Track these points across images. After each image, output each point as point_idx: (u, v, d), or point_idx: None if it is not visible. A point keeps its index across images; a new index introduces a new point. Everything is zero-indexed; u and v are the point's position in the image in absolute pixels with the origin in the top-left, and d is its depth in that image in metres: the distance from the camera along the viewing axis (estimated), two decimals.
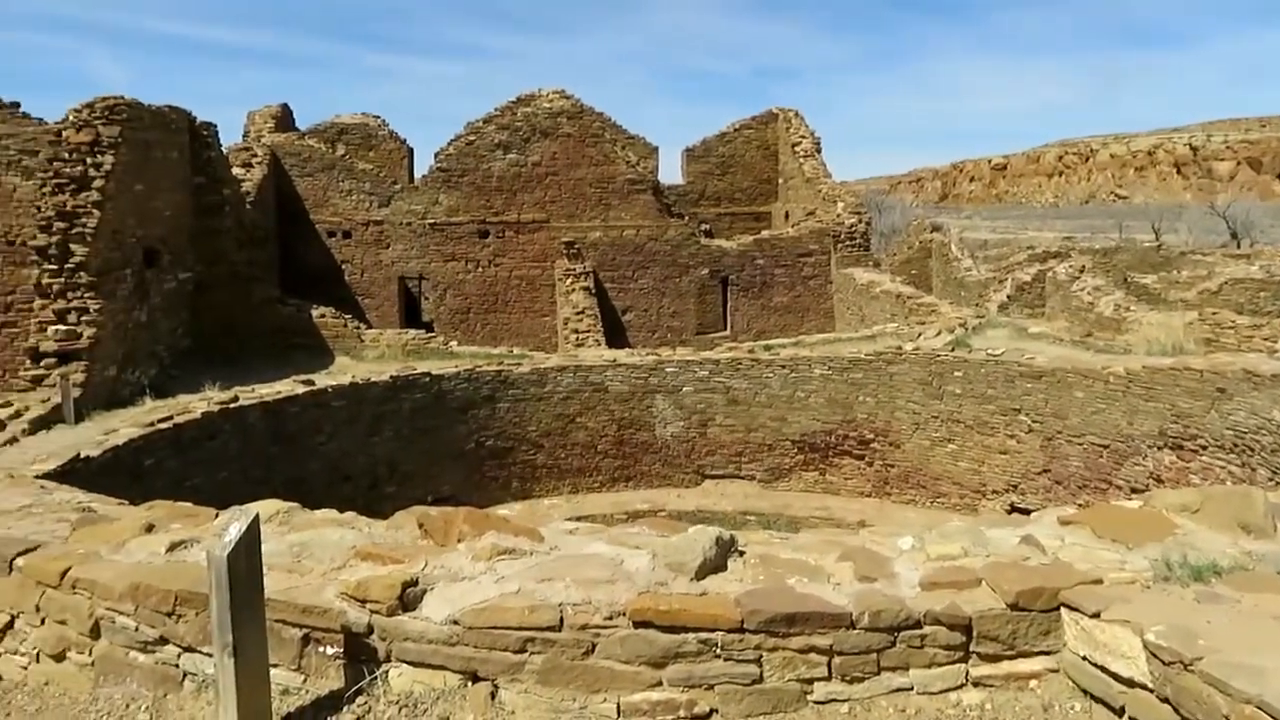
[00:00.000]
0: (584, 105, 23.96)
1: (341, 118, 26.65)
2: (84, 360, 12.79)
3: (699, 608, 4.00)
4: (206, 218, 17.24)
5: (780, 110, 28.12)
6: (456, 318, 22.90)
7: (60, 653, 4.54)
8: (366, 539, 4.87)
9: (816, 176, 25.63)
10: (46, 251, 13.30)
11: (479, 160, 23.11)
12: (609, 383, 15.81)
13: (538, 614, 3.98)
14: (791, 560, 4.53)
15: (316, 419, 13.53)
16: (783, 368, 15.89)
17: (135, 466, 10.66)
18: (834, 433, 15.74)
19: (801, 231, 24.09)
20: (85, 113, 14.20)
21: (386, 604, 4.08)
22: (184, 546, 4.84)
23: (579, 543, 4.75)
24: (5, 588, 4.72)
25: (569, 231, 22.98)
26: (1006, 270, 25.46)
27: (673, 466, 16.17)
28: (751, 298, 23.87)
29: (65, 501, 5.94)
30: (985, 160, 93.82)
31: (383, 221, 22.91)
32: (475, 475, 15.33)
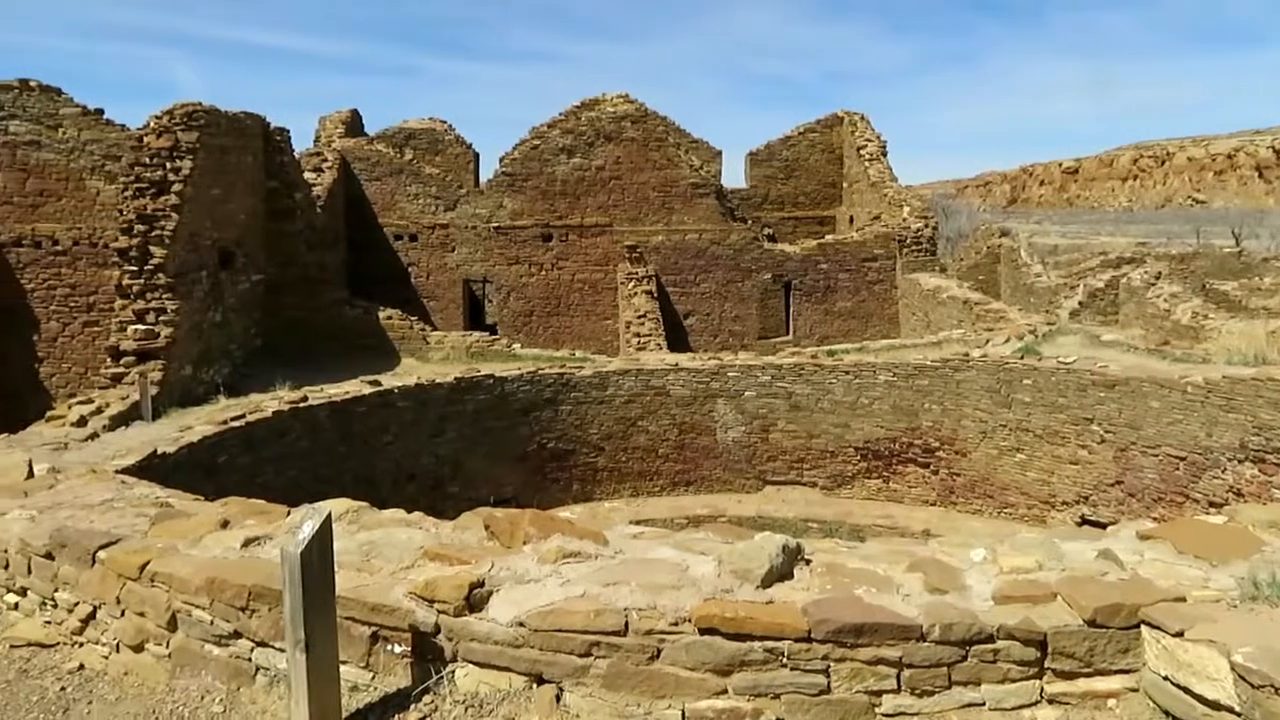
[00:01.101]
0: (648, 109, 24.00)
1: (409, 123, 27.08)
2: (161, 359, 13.16)
3: (765, 616, 3.96)
4: (279, 221, 17.65)
5: (845, 113, 27.84)
6: (519, 320, 23.09)
7: (139, 644, 4.67)
8: (434, 539, 4.92)
9: (882, 180, 25.31)
10: (127, 253, 13.72)
11: (543, 164, 23.29)
12: (670, 387, 15.79)
13: (603, 618, 3.98)
14: (859, 570, 4.46)
15: (383, 419, 13.74)
16: (846, 373, 15.71)
17: (209, 463, 10.93)
18: (898, 440, 15.52)
19: (866, 236, 23.81)
20: (165, 119, 14.62)
21: (454, 604, 4.12)
22: (257, 543, 4.94)
23: (643, 547, 4.74)
24: (88, 579, 4.87)
25: (631, 235, 23.03)
26: (1078, 276, 24.83)
27: (733, 472, 16.08)
28: (815, 302, 23.65)
29: (144, 496, 6.11)
30: (1055, 163, 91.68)
31: (448, 225, 23.21)
32: (537, 477, 15.43)
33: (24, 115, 17.74)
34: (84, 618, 4.88)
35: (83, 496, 6.04)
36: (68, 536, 5.09)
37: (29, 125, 17.77)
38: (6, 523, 5.47)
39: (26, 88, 17.82)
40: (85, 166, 17.96)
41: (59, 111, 17.88)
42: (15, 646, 4.98)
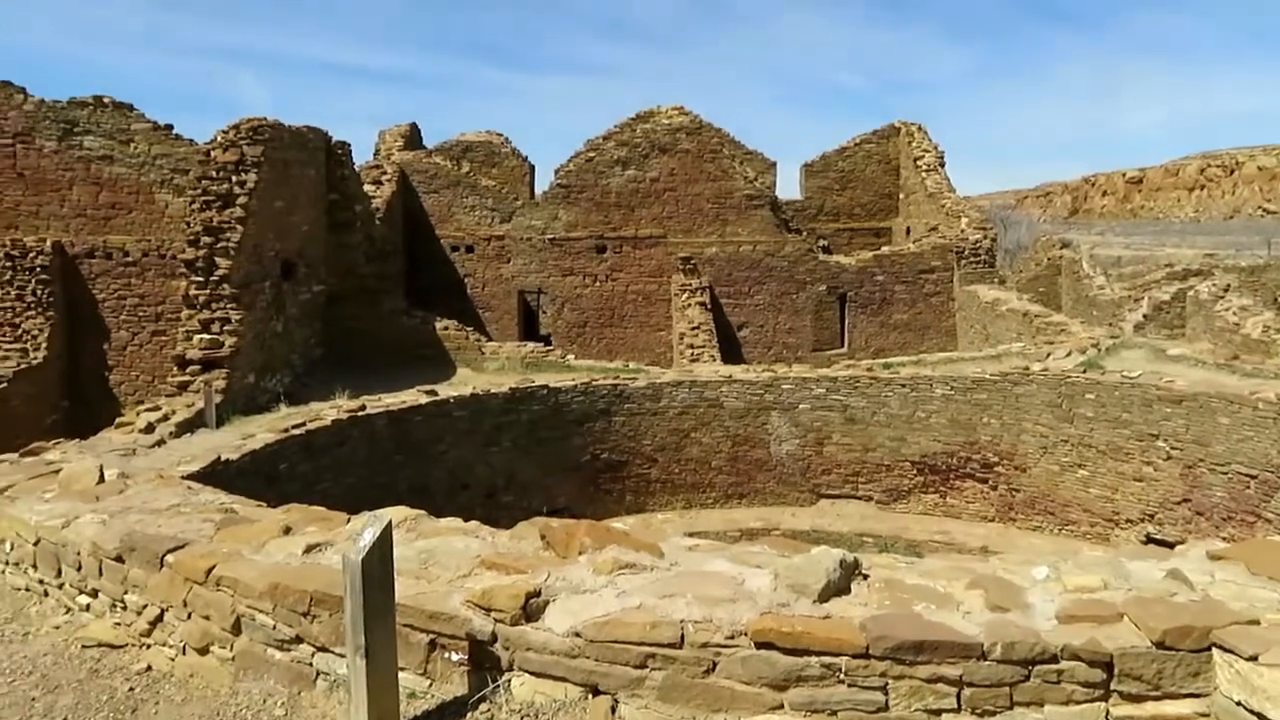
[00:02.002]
0: (703, 121, 24.02)
1: (466, 136, 27.45)
2: (225, 368, 13.48)
3: (823, 631, 3.92)
4: (339, 233, 17.99)
5: (902, 124, 27.59)
6: (574, 331, 23.21)
7: (204, 646, 4.77)
8: (490, 548, 4.96)
9: (939, 191, 25.01)
10: (194, 264, 14.08)
11: (598, 176, 23.43)
12: (724, 399, 15.75)
13: (659, 630, 3.98)
14: (918, 586, 4.40)
15: (439, 428, 13.90)
16: (902, 386, 15.53)
17: (270, 470, 11.15)
18: (956, 454, 15.28)
19: (923, 247, 23.53)
20: (231, 133, 15.00)
21: (510, 613, 4.14)
22: (319, 549, 5.02)
23: (699, 559, 4.73)
24: (157, 583, 5.00)
25: (685, 247, 23.03)
26: (1143, 288, 24.27)
27: (787, 485, 15.97)
28: (870, 315, 23.43)
29: (209, 502, 6.25)
30: (1119, 173, 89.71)
31: (504, 236, 23.44)
32: (590, 488, 15.47)
33: (98, 131, 18.33)
34: (152, 620, 5.00)
35: (151, 501, 6.20)
36: (137, 540, 5.23)
37: (103, 141, 18.36)
38: (79, 526, 5.64)
39: (101, 104, 18.42)
40: (155, 180, 18.49)
41: (131, 127, 18.44)
42: (87, 646, 5.13)
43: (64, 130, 18.28)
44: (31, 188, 18.43)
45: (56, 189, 18.44)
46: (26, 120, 18.27)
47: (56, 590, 5.66)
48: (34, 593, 5.79)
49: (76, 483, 6.66)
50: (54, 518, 5.84)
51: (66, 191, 18.45)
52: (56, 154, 18.35)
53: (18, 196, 18.44)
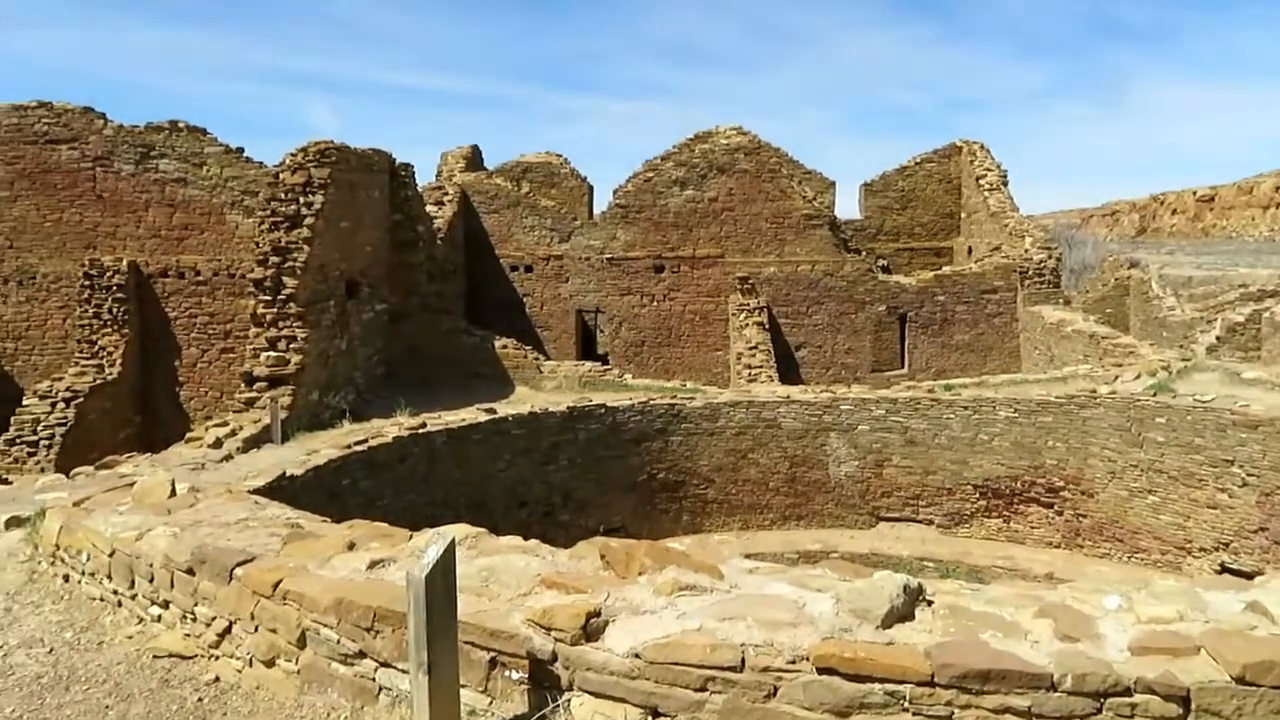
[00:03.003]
0: (761, 141, 24.02)
1: (526, 157, 27.79)
2: (291, 385, 13.77)
3: (886, 657, 3.86)
4: (402, 253, 18.31)
5: (964, 142, 27.28)
6: (631, 351, 23.27)
7: (271, 659, 4.85)
8: (550, 567, 4.98)
9: (1002, 210, 24.65)
10: (262, 284, 14.44)
11: (656, 196, 23.53)
12: (782, 419, 15.65)
13: (719, 653, 3.95)
14: (984, 613, 4.31)
15: (497, 446, 14.02)
16: (964, 408, 15.28)
17: (333, 485, 11.35)
18: (1020, 478, 14.97)
19: (986, 267, 23.18)
20: (299, 156, 15.38)
21: (570, 633, 4.15)
22: (382, 565, 5.09)
23: (759, 582, 4.69)
24: (225, 595, 5.11)
25: (744, 266, 23.00)
26: (1215, 310, 23.56)
27: (846, 507, 15.79)
28: (931, 335, 23.12)
29: (276, 517, 6.37)
30: (1189, 192, 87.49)
31: (562, 256, 23.64)
32: (646, 507, 15.46)
33: (173, 154, 18.93)
34: (220, 632, 5.11)
35: (220, 515, 6.35)
36: (207, 553, 5.35)
37: (177, 164, 18.95)
38: (152, 539, 5.79)
39: (176, 128, 19.02)
40: (226, 201, 19.01)
41: (204, 150, 19.01)
42: (158, 656, 5.25)
43: (141, 154, 18.92)
44: (110, 209, 19.09)
45: (133, 210, 19.07)
46: (106, 144, 18.95)
47: (130, 601, 5.81)
48: (108, 602, 5.95)
49: (149, 496, 6.84)
50: (128, 530, 6.00)
51: (142, 213, 19.06)
52: (133, 177, 18.99)
53: (96, 218, 19.10)
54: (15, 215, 19.18)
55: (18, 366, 19.40)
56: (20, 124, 19.03)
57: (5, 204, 19.15)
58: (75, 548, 6.26)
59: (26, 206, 19.16)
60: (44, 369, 19.04)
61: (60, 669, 5.21)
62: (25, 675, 5.14)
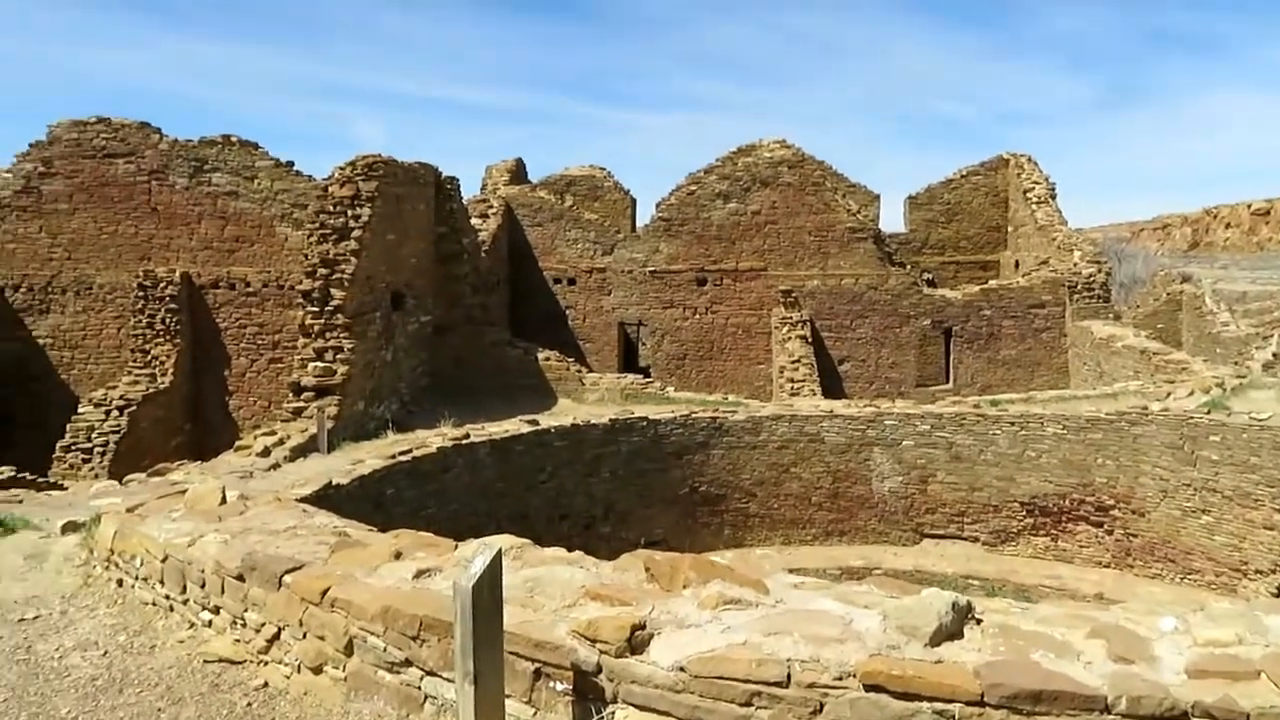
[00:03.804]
0: (805, 154, 23.96)
1: (570, 170, 27.97)
2: (337, 395, 13.96)
3: (935, 676, 3.80)
4: (446, 265, 18.50)
5: (1011, 155, 26.99)
6: (673, 363, 23.27)
7: (318, 666, 4.91)
8: (595, 579, 4.98)
9: (1050, 224, 24.32)
10: (310, 295, 14.67)
11: (699, 209, 23.55)
12: (825, 433, 15.54)
13: (764, 668, 3.92)
14: (1034, 633, 4.23)
15: (539, 458, 14.08)
16: (1011, 425, 15.06)
17: (378, 495, 11.46)
18: (1068, 496, 14.72)
19: (1033, 281, 22.88)
20: (348, 170, 15.64)
21: (615, 645, 4.14)
22: (428, 574, 5.12)
23: (804, 597, 4.65)
24: (274, 602, 5.17)
25: (786, 280, 22.92)
26: (1271, 325, 23.03)
27: (889, 523, 15.62)
28: (977, 350, 22.85)
29: (324, 525, 6.44)
30: (1244, 205, 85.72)
31: (605, 269, 23.73)
32: (688, 520, 15.43)
33: (225, 168, 19.34)
34: (270, 638, 5.18)
35: (269, 523, 6.43)
36: (257, 560, 5.42)
37: (229, 177, 19.35)
38: (204, 545, 5.88)
39: (228, 143, 19.43)
40: (276, 214, 19.36)
41: (255, 164, 19.40)
42: (208, 661, 5.33)
43: (194, 168, 19.34)
44: (164, 221, 19.53)
45: (186, 223, 19.49)
46: (161, 158, 19.40)
47: (181, 606, 5.91)
48: (160, 607, 6.06)
49: (201, 503, 6.96)
50: (180, 536, 6.11)
51: (195, 225, 19.48)
52: (187, 190, 19.42)
53: (151, 230, 19.55)
54: (74, 227, 19.70)
55: (74, 375, 19.88)
56: (80, 139, 19.56)
57: (64, 216, 19.67)
58: (129, 553, 6.39)
59: (85, 219, 19.67)
60: (99, 377, 19.49)
61: (114, 671, 5.31)
62: (80, 677, 5.24)
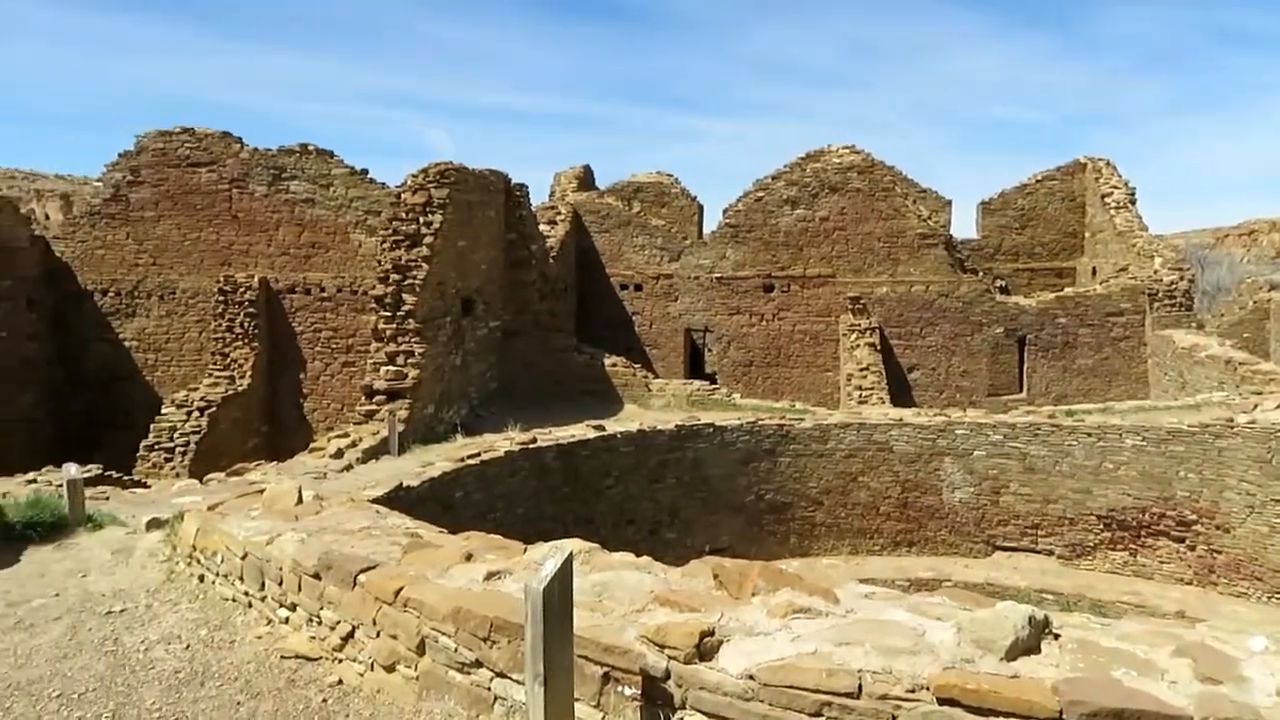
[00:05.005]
0: (874, 159, 23.70)
1: (637, 177, 28.08)
2: (408, 398, 14.21)
3: (1011, 691, 3.72)
4: (515, 271, 18.71)
5: (1089, 159, 26.32)
6: (739, 370, 23.18)
7: (391, 664, 4.99)
8: (663, 584, 4.98)
9: (1130, 230, 23.65)
10: (383, 300, 14.96)
11: (767, 216, 23.44)
12: (894, 442, 15.32)
13: (835, 678, 3.88)
14: (1115, 650, 4.11)
15: (605, 463, 14.12)
16: (1088, 435, 14.67)
17: (447, 497, 11.62)
18: (1148, 510, 14.27)
19: (1111, 289, 22.27)
20: (420, 177, 15.92)
21: (684, 651, 4.14)
22: (498, 577, 5.18)
23: (876, 608, 4.59)
24: (349, 600, 5.28)
25: (855, 286, 22.68)
26: None
27: (960, 534, 15.33)
28: (1052, 359, 22.32)
29: (396, 526, 6.56)
30: None
31: (672, 275, 23.76)
32: (754, 528, 15.33)
33: (302, 176, 19.84)
34: (344, 636, 5.28)
35: (344, 523, 6.57)
36: (333, 559, 5.54)
37: (306, 185, 19.85)
38: (281, 544, 6.03)
39: (306, 151, 19.94)
40: (350, 221, 19.80)
41: (331, 172, 19.88)
42: (285, 657, 5.47)
43: (273, 175, 19.89)
44: (243, 228, 20.12)
45: (264, 229, 20.05)
46: (242, 167, 20.00)
47: (259, 602, 6.07)
48: (239, 603, 6.23)
49: (278, 502, 7.14)
50: (259, 534, 6.28)
51: (273, 232, 20.02)
52: (266, 197, 19.97)
53: (231, 236, 20.15)
54: (159, 234, 20.41)
55: (157, 377, 20.56)
56: (165, 149, 20.25)
57: (150, 223, 20.39)
58: (210, 550, 6.58)
59: (169, 226, 20.36)
60: (181, 379, 20.14)
61: (195, 665, 5.47)
62: (164, 670, 5.42)
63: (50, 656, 5.62)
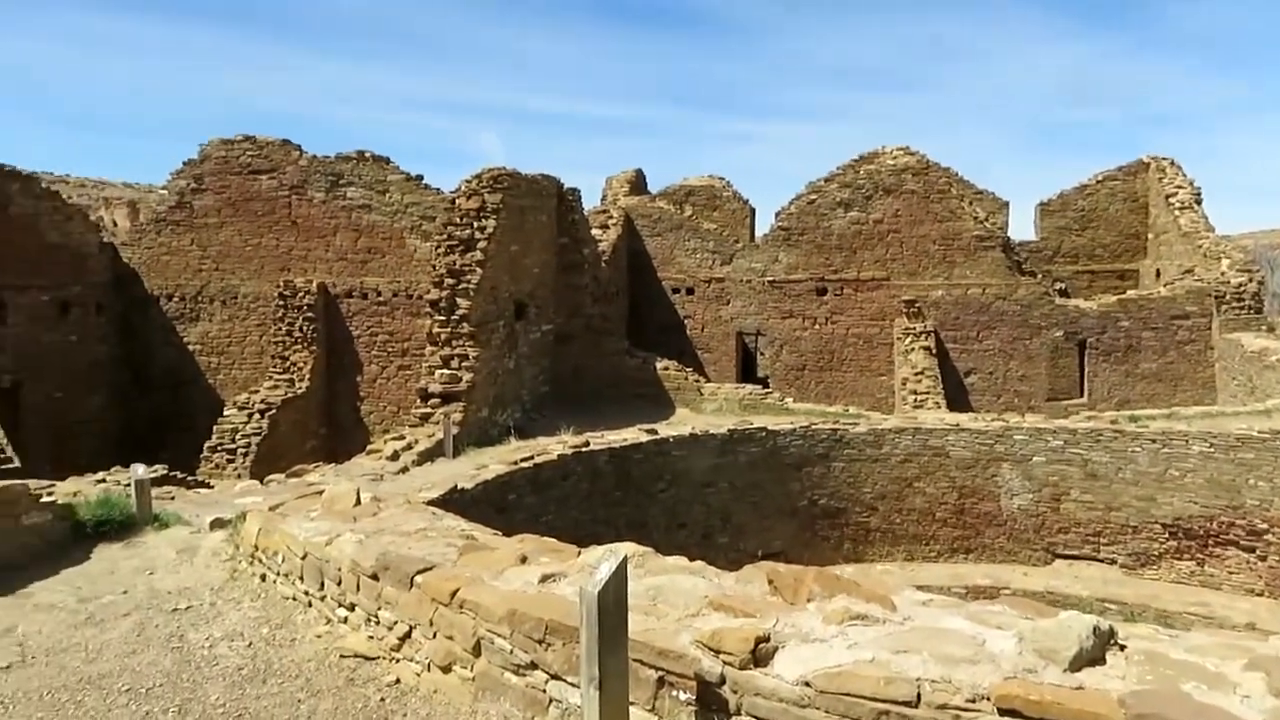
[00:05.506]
0: (929, 161, 23.39)
1: (689, 180, 28.05)
2: (462, 401, 14.35)
3: (1075, 702, 3.64)
4: (568, 275, 18.81)
5: (1152, 159, 25.69)
6: (792, 374, 23.03)
7: (447, 665, 5.04)
8: (717, 589, 4.96)
9: (1196, 230, 23.04)
10: (438, 304, 15.13)
11: (819, 218, 23.26)
12: (950, 448, 15.10)
13: (893, 686, 3.83)
14: (1184, 662, 4.00)
15: (658, 467, 14.12)
16: (1152, 442, 14.32)
17: (500, 500, 11.71)
18: (1216, 519, 13.88)
19: (1176, 291, 21.71)
20: (474, 182, 16.08)
21: (739, 657, 4.12)
22: (553, 579, 5.20)
23: (934, 615, 4.52)
24: (406, 601, 5.35)
25: (910, 289, 22.41)
26: None
27: (1019, 542, 15.06)
28: (1114, 363, 21.82)
29: (452, 528, 6.63)
30: None
31: (724, 279, 23.69)
32: (806, 533, 15.22)
33: (359, 182, 20.17)
34: (401, 636, 5.35)
35: (400, 524, 6.65)
36: (390, 560, 5.62)
37: (363, 191, 20.17)
38: (340, 544, 6.13)
39: (363, 158, 20.26)
40: (406, 226, 20.07)
41: (387, 178, 20.17)
42: (344, 656, 5.55)
43: (331, 182, 20.24)
44: (302, 234, 20.50)
45: (323, 235, 20.41)
46: (301, 174, 20.38)
47: (319, 602, 6.17)
48: (300, 602, 6.34)
49: (337, 504, 7.25)
50: (319, 535, 6.38)
51: (331, 237, 20.38)
52: (324, 204, 20.34)
53: (291, 242, 20.55)
54: (221, 240, 20.89)
55: (219, 380, 21.04)
56: (228, 156, 20.72)
57: (213, 230, 20.87)
58: (271, 549, 6.71)
59: (231, 232, 20.82)
60: (242, 382, 20.58)
61: (258, 662, 5.58)
62: (228, 666, 5.53)
63: (119, 652, 5.77)
